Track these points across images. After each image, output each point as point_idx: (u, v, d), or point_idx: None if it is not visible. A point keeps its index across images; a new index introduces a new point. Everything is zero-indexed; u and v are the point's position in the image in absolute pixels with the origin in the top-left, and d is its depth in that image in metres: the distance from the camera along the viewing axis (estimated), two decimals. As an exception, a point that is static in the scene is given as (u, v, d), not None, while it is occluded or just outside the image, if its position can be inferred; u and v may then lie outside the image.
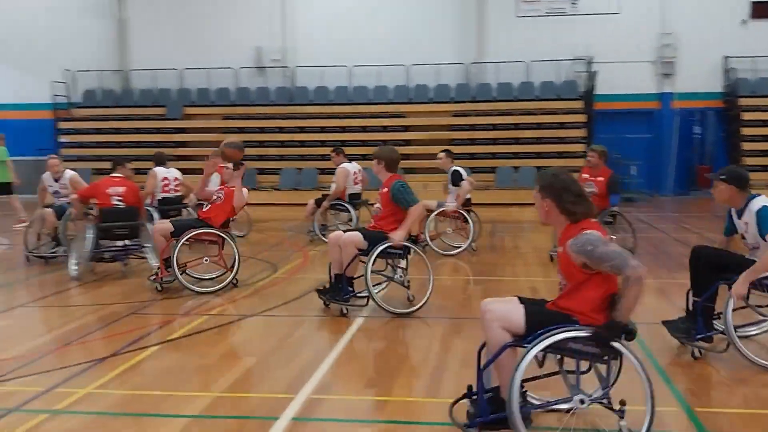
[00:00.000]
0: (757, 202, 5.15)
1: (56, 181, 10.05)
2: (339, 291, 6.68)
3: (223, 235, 7.80)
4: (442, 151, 10.71)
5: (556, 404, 3.97)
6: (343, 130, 19.80)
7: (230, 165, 8.02)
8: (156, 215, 10.30)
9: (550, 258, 9.25)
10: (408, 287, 6.96)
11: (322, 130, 19.93)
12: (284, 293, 7.79)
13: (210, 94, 21.27)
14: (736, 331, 5.10)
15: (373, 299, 6.63)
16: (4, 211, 15.17)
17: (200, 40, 20.99)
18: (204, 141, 20.36)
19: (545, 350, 3.71)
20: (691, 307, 5.41)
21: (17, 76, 21.51)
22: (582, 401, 3.77)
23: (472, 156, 18.69)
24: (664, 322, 5.57)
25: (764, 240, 5.04)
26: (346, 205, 11.21)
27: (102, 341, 6.04)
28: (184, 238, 7.59)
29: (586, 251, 3.67)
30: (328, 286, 6.88)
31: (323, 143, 19.67)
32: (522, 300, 3.96)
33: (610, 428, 3.89)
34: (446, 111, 20.00)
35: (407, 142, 19.22)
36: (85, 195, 8.89)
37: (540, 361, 3.85)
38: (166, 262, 7.69)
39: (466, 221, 10.14)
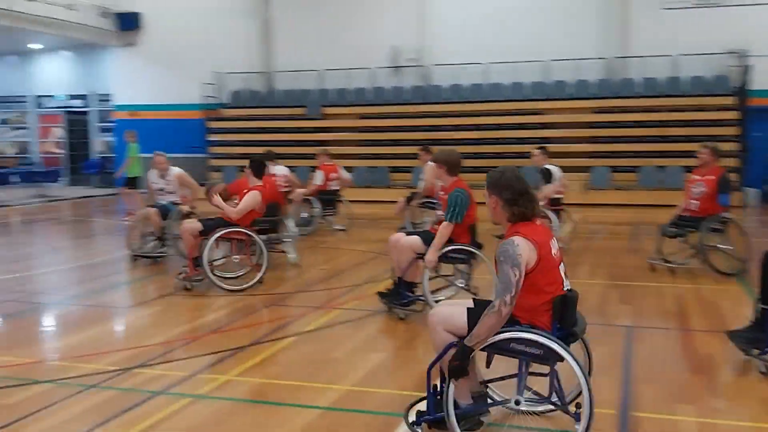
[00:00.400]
0: None
1: (162, 178, 9.78)
2: (398, 295, 6.62)
3: (251, 234, 7.86)
4: (538, 148, 10.63)
5: (492, 405, 4.01)
6: (477, 128, 19.66)
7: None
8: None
9: (650, 266, 8.88)
10: (475, 293, 6.54)
11: (457, 128, 19.88)
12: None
13: (348, 93, 21.75)
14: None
15: (429, 304, 6.43)
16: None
17: (339, 41, 21.49)
18: (342, 140, 20.88)
19: (486, 350, 3.75)
20: (759, 316, 4.98)
21: (172, 79, 22.92)
22: (517, 402, 3.75)
23: (614, 154, 18.02)
24: (729, 332, 5.23)
25: None
26: (435, 202, 11.24)
27: (242, 331, 6.33)
28: (214, 237, 7.62)
29: (498, 261, 3.69)
30: (390, 289, 6.80)
31: (458, 142, 19.63)
32: (476, 302, 3.95)
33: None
34: (586, 108, 19.38)
35: (544, 140, 18.79)
36: (230, 191, 9.33)
37: (488, 362, 3.89)
38: (195, 261, 7.70)
39: (551, 221, 9.90)
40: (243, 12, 22.43)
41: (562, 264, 3.87)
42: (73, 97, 26.11)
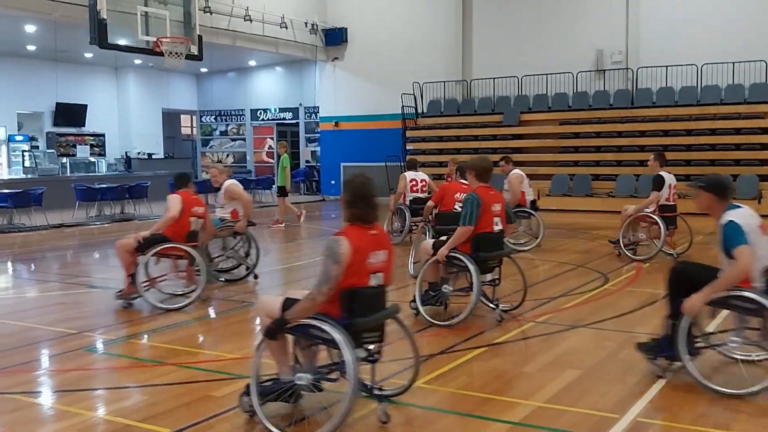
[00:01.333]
0: (727, 215, 4.76)
1: (216, 191, 9.52)
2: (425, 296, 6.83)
3: (188, 249, 7.53)
4: (654, 153, 10.36)
5: (283, 384, 4.28)
6: (688, 133, 18.39)
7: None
8: (407, 213, 11.84)
9: None
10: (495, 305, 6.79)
11: (665, 133, 18.73)
12: (615, 306, 7.45)
13: (547, 99, 21.27)
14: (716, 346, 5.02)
15: (420, 310, 6.71)
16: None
17: (539, 46, 21.09)
18: (540, 147, 20.45)
19: (292, 333, 4.28)
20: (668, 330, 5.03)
21: (373, 90, 23.78)
22: (300, 379, 4.20)
23: None
24: (639, 344, 5.33)
25: (727, 256, 4.67)
26: (528, 211, 11.39)
27: (433, 339, 6.33)
28: (150, 254, 7.39)
29: (323, 255, 4.12)
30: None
31: (666, 147, 18.48)
32: (290, 299, 4.33)
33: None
34: (815, 110, 17.48)
35: (764, 147, 17.21)
36: (435, 199, 9.57)
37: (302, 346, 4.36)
38: (132, 278, 7.47)
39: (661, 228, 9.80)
40: (442, 23, 22.73)
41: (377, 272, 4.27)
42: (283, 110, 27.89)
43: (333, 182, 25.11)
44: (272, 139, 28.30)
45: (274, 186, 18.50)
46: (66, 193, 17.32)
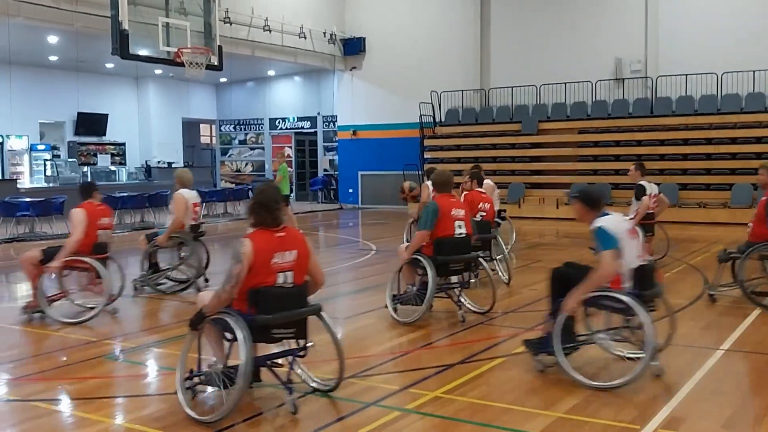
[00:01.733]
0: (597, 222, 5.22)
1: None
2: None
3: (91, 262, 7.41)
4: (634, 163, 10.50)
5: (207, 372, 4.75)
6: (708, 142, 18.26)
7: None
8: None
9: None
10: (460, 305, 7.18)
11: (685, 142, 18.61)
12: (635, 315, 7.38)
13: (566, 108, 21.20)
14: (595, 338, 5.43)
15: (393, 312, 7.10)
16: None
17: (557, 55, 21.05)
18: (558, 156, 20.39)
19: (213, 325, 4.70)
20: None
21: (391, 99, 23.85)
22: (211, 366, 4.75)
23: None
24: (525, 341, 5.68)
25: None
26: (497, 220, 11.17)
27: (451, 348, 6.32)
28: (54, 266, 7.28)
29: (231, 257, 4.52)
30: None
31: (685, 157, 18.36)
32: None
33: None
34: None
35: (787, 155, 17.04)
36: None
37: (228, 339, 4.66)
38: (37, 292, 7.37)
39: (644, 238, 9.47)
40: (460, 32, 22.76)
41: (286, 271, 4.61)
42: (301, 118, 28.01)
43: (351, 191, 25.17)
44: (290, 147, 28.42)
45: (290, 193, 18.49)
46: (87, 202, 17.48)
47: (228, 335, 4.64)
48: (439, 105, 22.94)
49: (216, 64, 16.15)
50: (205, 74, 16.22)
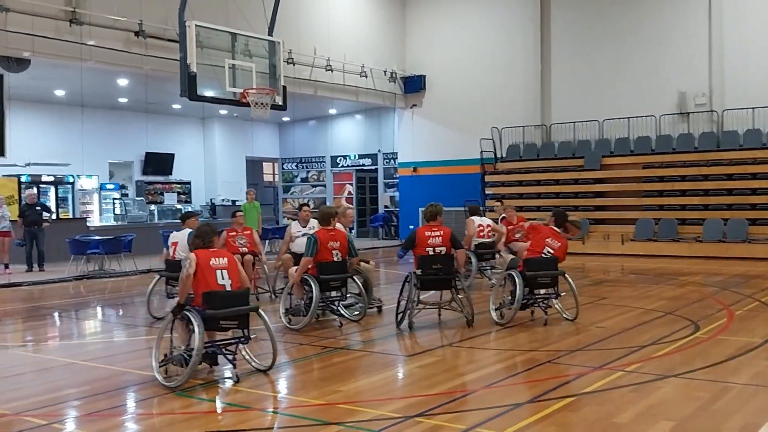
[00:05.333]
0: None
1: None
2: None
3: None
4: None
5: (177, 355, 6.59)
6: (778, 176, 17.73)
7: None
8: (474, 258, 11.96)
9: None
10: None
11: (754, 177, 18.09)
12: (707, 355, 7.17)
13: (629, 143, 20.89)
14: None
15: (283, 319, 9.05)
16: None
17: (620, 90, 20.84)
18: (621, 191, 20.07)
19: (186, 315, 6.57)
20: None
21: (451, 136, 23.93)
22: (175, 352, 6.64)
23: None
24: None
25: None
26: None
27: (520, 386, 6.23)
28: None
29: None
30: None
31: (754, 191, 17.84)
32: None
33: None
34: None
35: None
36: (527, 238, 9.92)
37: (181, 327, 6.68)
38: None
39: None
40: (521, 67, 22.76)
41: (224, 272, 6.55)
42: (362, 156, 28.30)
43: (411, 227, 25.18)
44: (351, 184, 28.69)
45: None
46: (154, 240, 17.89)
47: (191, 326, 6.40)
48: (500, 141, 22.90)
49: (281, 103, 16.48)
50: (270, 114, 16.55)
